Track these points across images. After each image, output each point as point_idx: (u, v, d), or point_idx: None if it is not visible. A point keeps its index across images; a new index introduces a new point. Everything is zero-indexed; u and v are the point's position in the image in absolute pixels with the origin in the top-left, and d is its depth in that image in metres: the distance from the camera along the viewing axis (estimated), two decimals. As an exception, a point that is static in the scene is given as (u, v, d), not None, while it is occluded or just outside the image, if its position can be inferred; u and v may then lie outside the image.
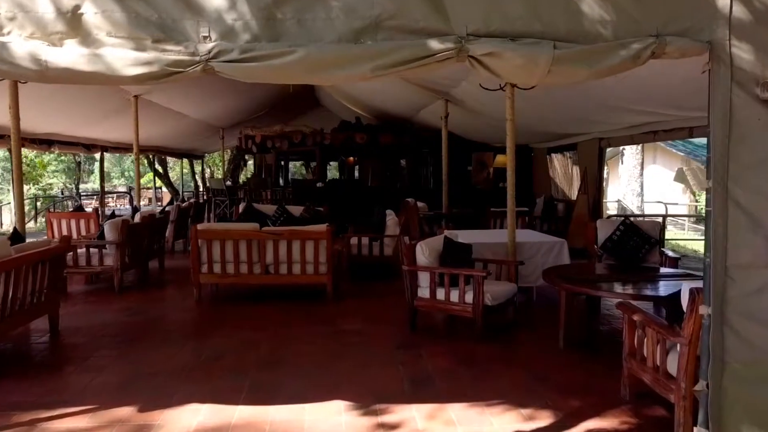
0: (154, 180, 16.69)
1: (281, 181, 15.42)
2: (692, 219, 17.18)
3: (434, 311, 5.20)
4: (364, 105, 13.60)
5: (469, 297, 4.78)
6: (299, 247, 6.13)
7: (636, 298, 4.16)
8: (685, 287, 3.02)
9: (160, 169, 24.27)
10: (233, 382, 3.91)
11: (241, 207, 9.24)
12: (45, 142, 9.61)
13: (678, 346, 3.03)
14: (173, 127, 12.64)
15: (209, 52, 2.55)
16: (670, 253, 5.78)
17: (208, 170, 26.43)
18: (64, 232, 8.64)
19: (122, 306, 6.17)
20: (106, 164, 34.30)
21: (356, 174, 17.22)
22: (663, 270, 5.31)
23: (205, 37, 2.57)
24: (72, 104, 8.71)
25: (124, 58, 2.52)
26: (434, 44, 2.63)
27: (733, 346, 2.80)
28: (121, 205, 21.59)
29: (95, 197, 22.77)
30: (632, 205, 15.88)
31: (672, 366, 3.11)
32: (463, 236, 5.80)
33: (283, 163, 16.13)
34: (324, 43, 2.61)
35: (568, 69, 2.68)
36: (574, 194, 11.21)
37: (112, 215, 7.61)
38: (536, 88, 6.02)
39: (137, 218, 7.48)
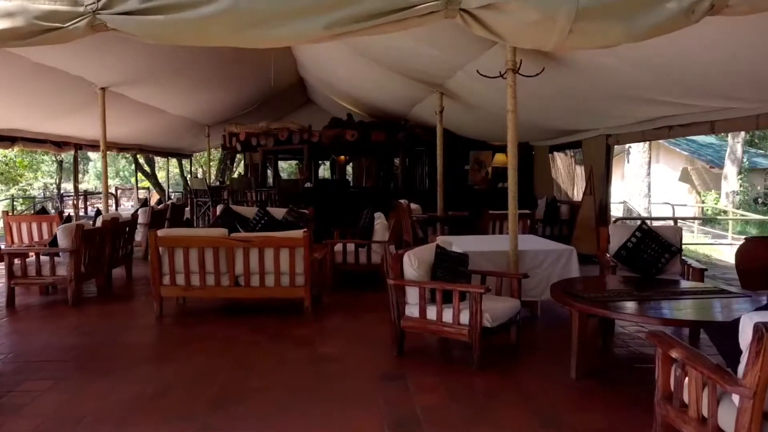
0: (136, 179, 15.90)
1: (270, 182, 14.72)
2: (699, 222, 16.48)
3: (425, 333, 4.47)
4: (356, 101, 12.90)
5: (465, 317, 4.07)
6: (272, 256, 5.41)
7: (670, 324, 3.45)
8: (747, 320, 2.31)
9: (147, 168, 23.56)
10: (175, 428, 3.19)
11: (219, 209, 8.51)
12: (6, 139, 8.86)
13: (735, 396, 2.33)
14: (153, 123, 11.89)
15: (97, 1, 1.82)
16: (694, 263, 5.07)
17: (200, 170, 25.68)
18: (24, 237, 7.91)
19: (73, 323, 5.45)
20: (99, 163, 33.47)
21: (348, 174, 16.51)
22: (687, 284, 4.60)
23: (93, -19, 1.84)
24: (32, 97, 7.97)
25: (-25, 9, 1.79)
26: (413, -8, 1.91)
27: (817, 403, 2.10)
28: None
29: (78, 198, 21.98)
30: (639, 207, 15.17)
31: (727, 421, 2.39)
32: (459, 243, 5.09)
33: (271, 162, 15.43)
34: (261, -10, 1.89)
35: (598, 27, 1.97)
36: (577, 195, 10.53)
37: (68, 219, 6.88)
38: (540, 76, 5.32)
39: (99, 222, 6.75)
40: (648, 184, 15.38)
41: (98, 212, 7.51)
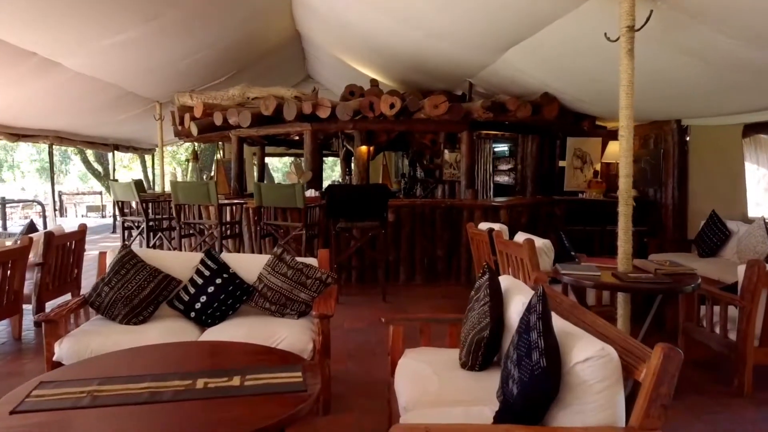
0: (52, 186, 10.80)
1: (251, 187, 9.83)
2: None
3: None
4: (389, 60, 8.02)
5: None
6: None
7: None
8: None
9: (99, 167, 18.67)
10: None
11: (109, 258, 3.60)
12: None
13: None
14: (60, 92, 6.95)
15: None
16: None
17: (178, 168, 20.62)
18: None
19: None
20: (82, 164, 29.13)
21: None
22: None
23: None
24: None
25: None
26: None
27: None
28: (26, 217, 15.41)
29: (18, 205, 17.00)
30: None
31: None
32: None
33: (257, 156, 10.60)
34: None
35: None
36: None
37: None
38: None
39: None
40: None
41: None
